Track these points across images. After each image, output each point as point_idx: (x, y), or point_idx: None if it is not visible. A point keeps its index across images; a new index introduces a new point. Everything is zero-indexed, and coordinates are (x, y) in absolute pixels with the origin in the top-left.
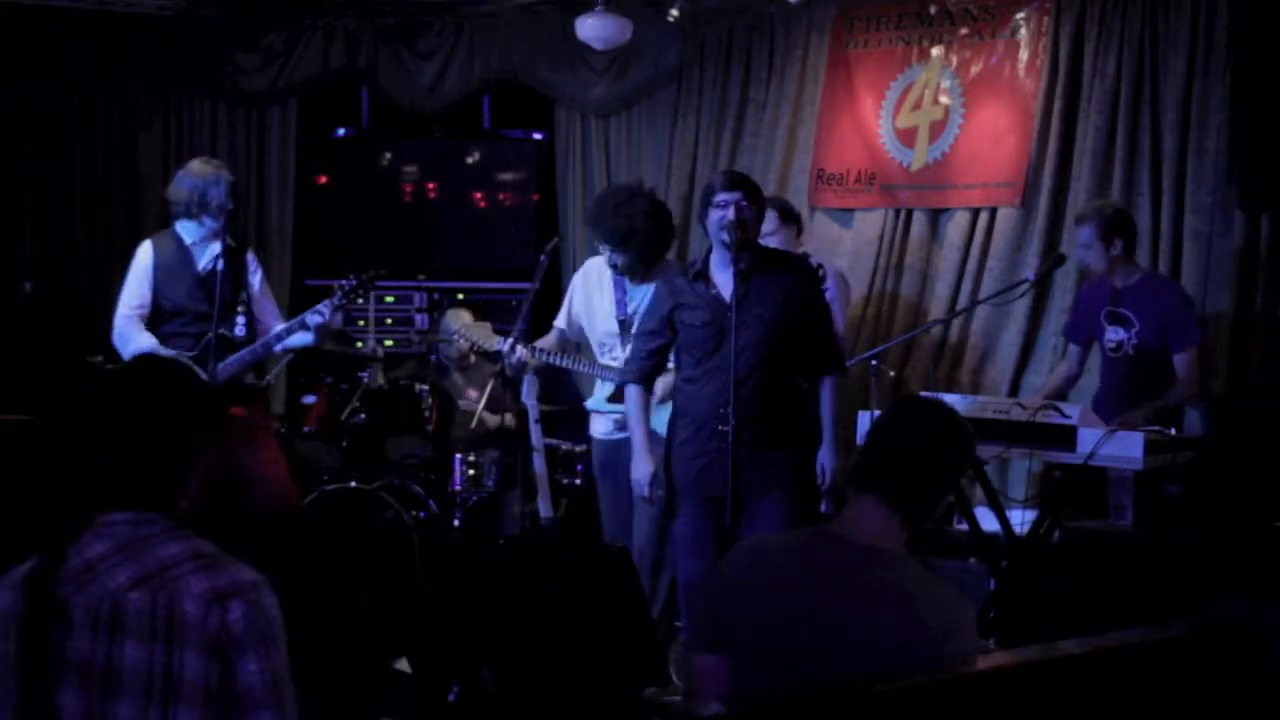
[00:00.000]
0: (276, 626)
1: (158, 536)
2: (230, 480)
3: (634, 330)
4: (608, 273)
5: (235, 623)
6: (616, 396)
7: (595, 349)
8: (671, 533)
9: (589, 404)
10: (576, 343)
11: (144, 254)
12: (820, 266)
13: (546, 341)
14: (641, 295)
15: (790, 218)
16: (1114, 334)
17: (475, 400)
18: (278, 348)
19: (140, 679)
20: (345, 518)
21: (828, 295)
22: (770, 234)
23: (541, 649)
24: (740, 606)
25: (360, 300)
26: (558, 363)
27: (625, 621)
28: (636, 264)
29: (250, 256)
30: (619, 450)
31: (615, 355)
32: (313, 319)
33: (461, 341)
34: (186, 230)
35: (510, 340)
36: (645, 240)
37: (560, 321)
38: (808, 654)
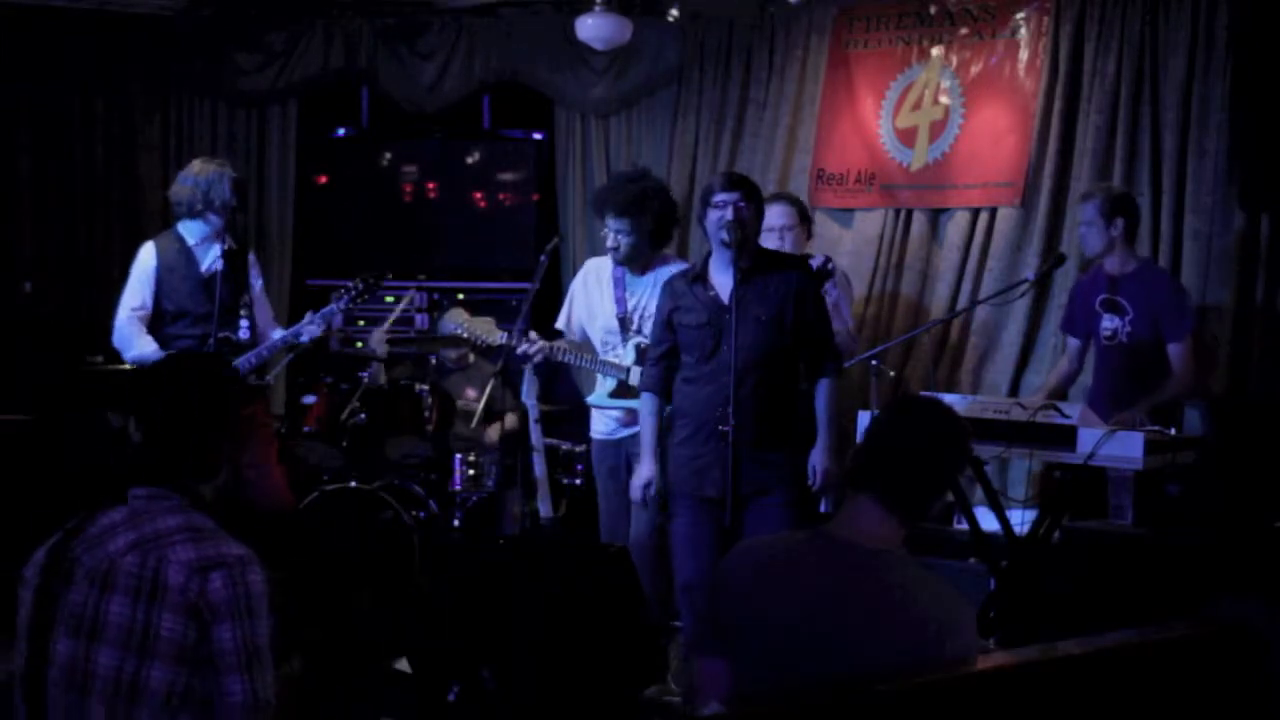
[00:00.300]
0: (258, 600)
1: (164, 510)
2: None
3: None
4: (606, 271)
5: (214, 592)
6: (619, 392)
7: (599, 348)
8: (670, 533)
9: (591, 400)
10: (580, 344)
11: (146, 256)
12: (829, 260)
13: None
14: (641, 290)
15: (806, 219)
16: (1109, 322)
17: (474, 400)
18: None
19: (122, 632)
20: (345, 518)
21: (833, 294)
22: (787, 229)
23: (541, 649)
24: (740, 608)
25: (362, 302)
26: (564, 359)
27: (625, 621)
28: (642, 244)
29: (251, 258)
30: (619, 449)
31: (618, 353)
32: (315, 329)
33: (464, 335)
34: (189, 231)
35: (514, 334)
36: (654, 216)
37: (561, 324)
38: (808, 654)
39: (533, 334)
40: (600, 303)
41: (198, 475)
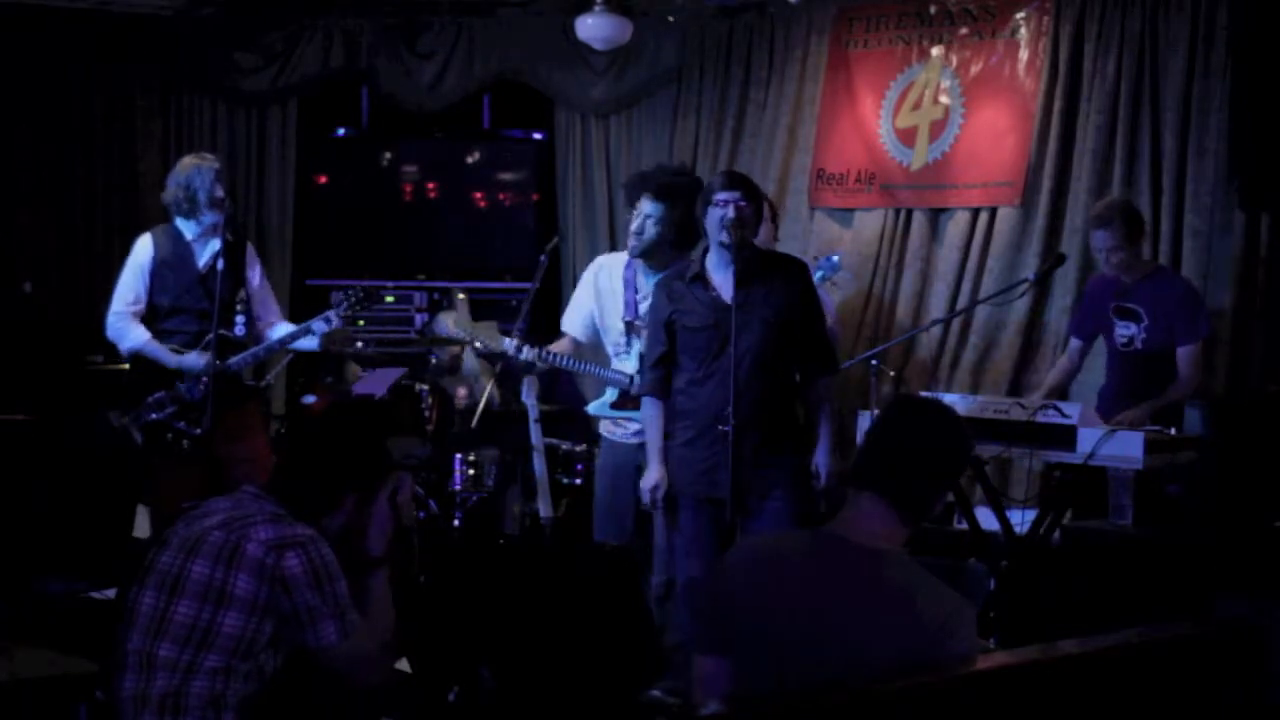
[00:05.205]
0: (332, 568)
1: (258, 504)
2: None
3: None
4: (619, 271)
5: (290, 568)
6: (620, 403)
7: (610, 351)
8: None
9: (591, 409)
10: (591, 346)
11: (143, 250)
12: (835, 257)
13: (558, 346)
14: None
15: (772, 216)
16: (1124, 329)
17: (465, 399)
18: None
19: (201, 587)
20: None
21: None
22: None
23: (541, 649)
24: (741, 607)
25: (361, 310)
26: (565, 365)
27: (625, 621)
28: (666, 236)
29: (249, 249)
30: (631, 452)
31: (626, 357)
32: (319, 326)
33: (467, 339)
34: (186, 227)
35: (515, 341)
36: (686, 209)
37: (566, 324)
38: (808, 654)
39: (526, 349)
40: (612, 304)
41: (321, 508)
